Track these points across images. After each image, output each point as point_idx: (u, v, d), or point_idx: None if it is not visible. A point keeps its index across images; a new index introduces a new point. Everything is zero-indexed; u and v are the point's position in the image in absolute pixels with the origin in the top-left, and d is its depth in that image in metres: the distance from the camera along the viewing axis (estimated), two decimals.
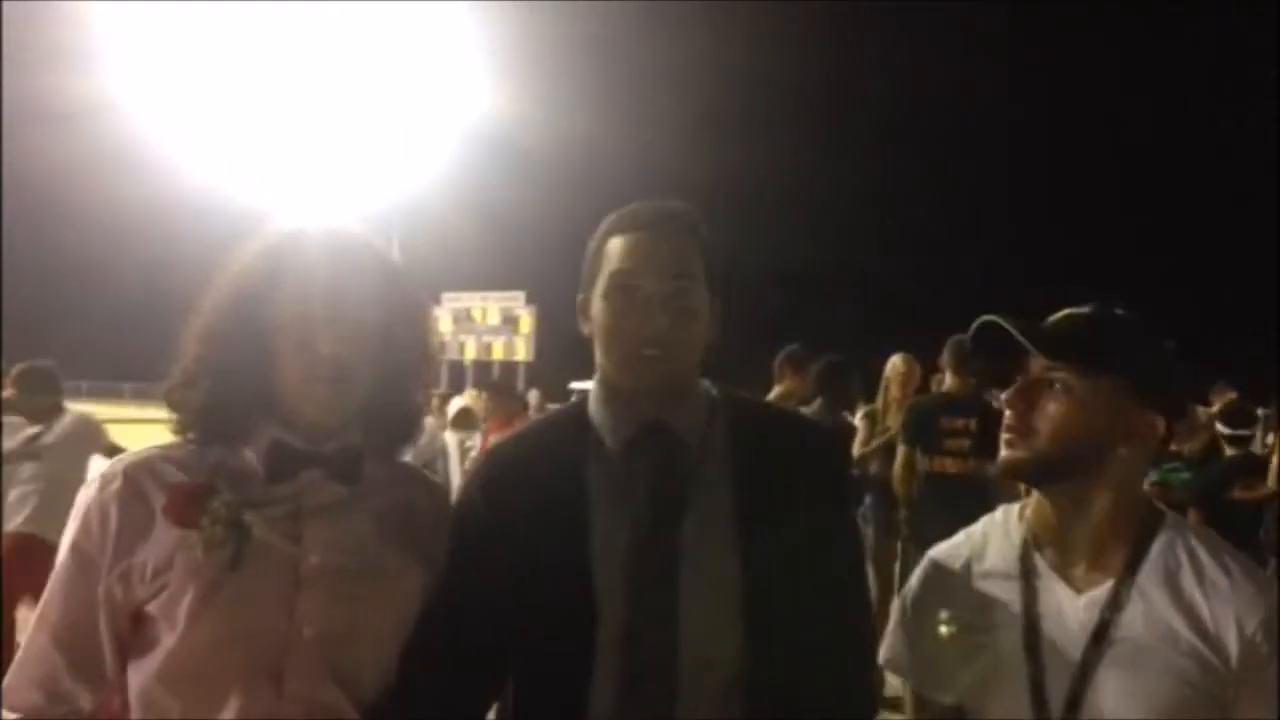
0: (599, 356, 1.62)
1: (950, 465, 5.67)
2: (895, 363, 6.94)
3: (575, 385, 15.45)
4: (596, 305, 1.61)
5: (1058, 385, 1.57)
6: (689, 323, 1.57)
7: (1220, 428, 6.43)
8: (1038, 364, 1.59)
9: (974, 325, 1.64)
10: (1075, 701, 1.53)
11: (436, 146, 24.48)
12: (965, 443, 5.63)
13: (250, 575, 1.47)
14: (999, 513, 1.77)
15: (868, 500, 6.98)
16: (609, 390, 1.64)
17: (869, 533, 6.95)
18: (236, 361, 1.54)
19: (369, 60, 21.79)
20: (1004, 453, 1.60)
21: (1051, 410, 1.57)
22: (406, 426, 1.71)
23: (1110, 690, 1.52)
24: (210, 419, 1.56)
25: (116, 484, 1.52)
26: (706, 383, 1.69)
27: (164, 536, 1.48)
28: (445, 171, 26.15)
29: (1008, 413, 1.59)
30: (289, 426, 1.56)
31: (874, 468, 6.55)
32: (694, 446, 1.61)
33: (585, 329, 1.65)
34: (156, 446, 1.59)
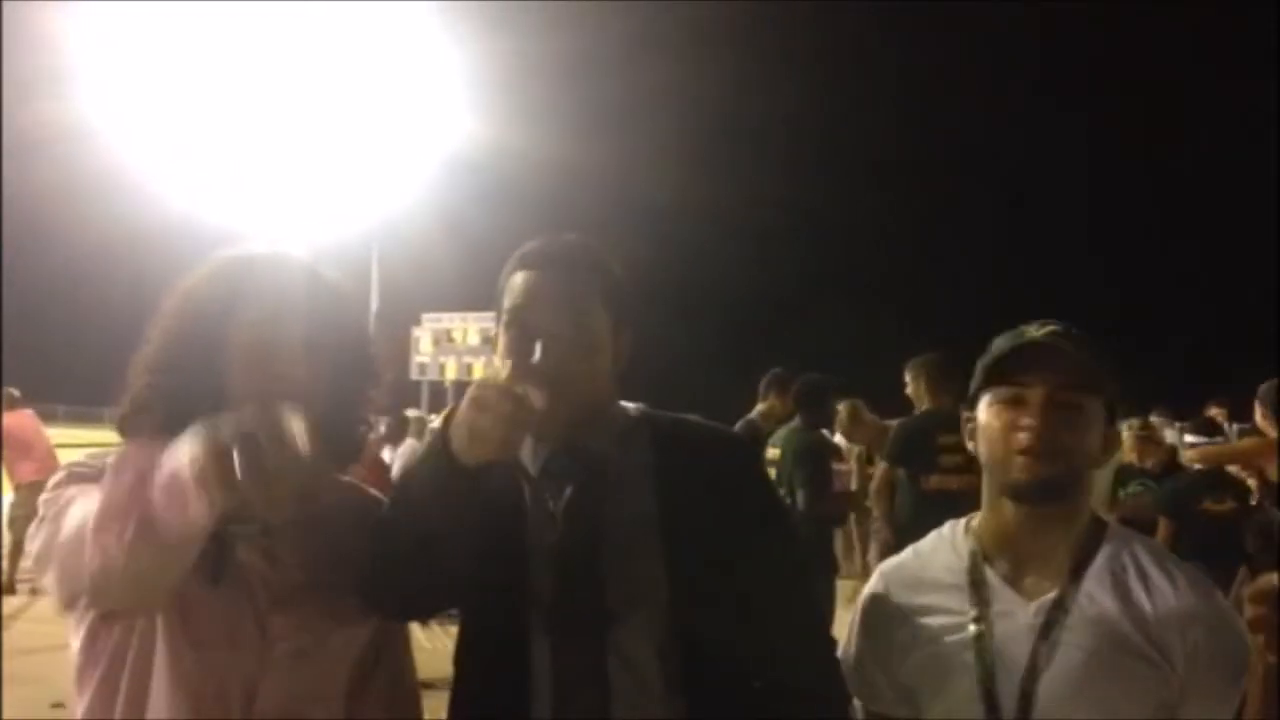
0: None
1: (949, 482, 5.64)
2: (841, 414, 7.02)
3: None
4: (499, 342, 1.67)
5: (1073, 405, 1.61)
6: (582, 356, 1.62)
7: (1188, 438, 6.50)
8: (1045, 383, 1.61)
9: (1011, 344, 1.65)
10: (1026, 702, 1.56)
11: (415, 168, 24.48)
12: (960, 459, 5.58)
13: (227, 592, 1.49)
14: (945, 527, 1.81)
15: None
16: None
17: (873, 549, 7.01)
18: (189, 386, 1.54)
19: (348, 83, 21.79)
20: (1026, 472, 1.60)
21: (1074, 430, 1.60)
22: (353, 448, 1.74)
23: (1059, 690, 1.56)
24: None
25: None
26: (626, 404, 1.76)
27: None
28: (424, 193, 26.15)
29: (1027, 431, 1.59)
30: None
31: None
32: (608, 465, 1.66)
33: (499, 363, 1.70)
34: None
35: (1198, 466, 6.22)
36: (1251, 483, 6.08)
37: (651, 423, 1.75)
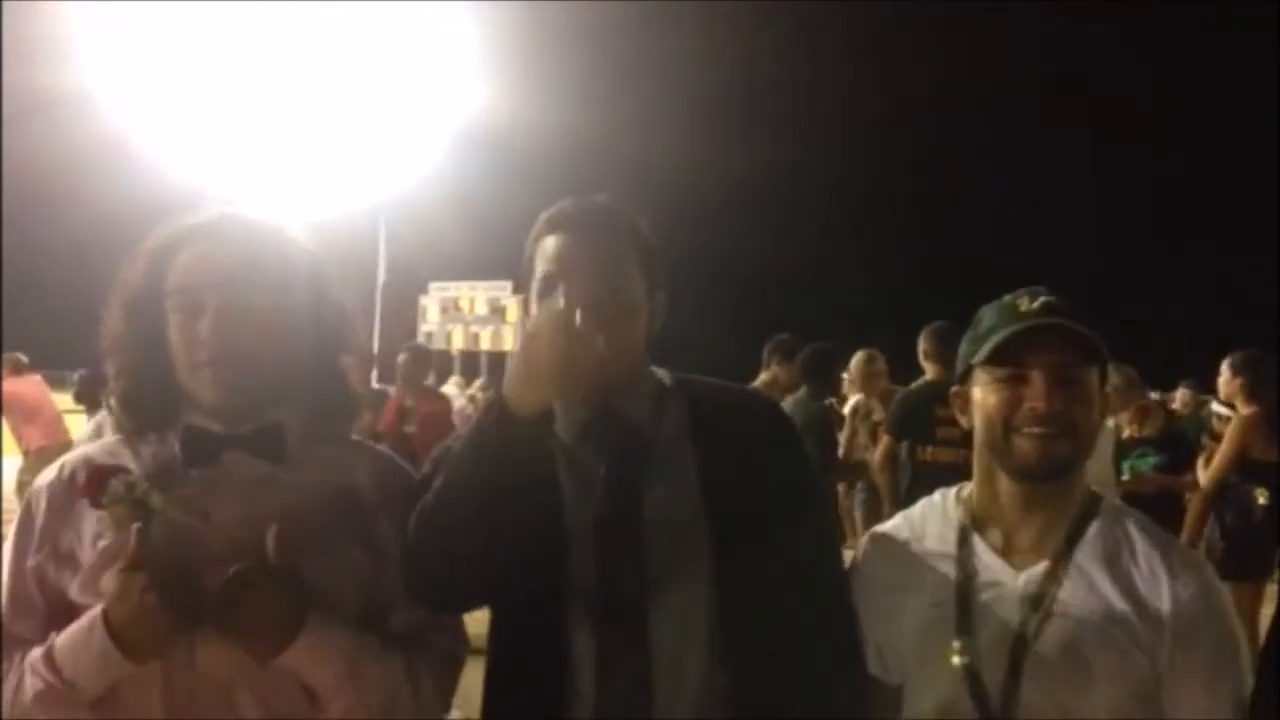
0: None
1: (944, 455, 5.54)
2: (856, 362, 6.97)
3: None
4: (533, 308, 1.63)
5: (1075, 380, 1.59)
6: (623, 321, 1.58)
7: (1217, 408, 6.49)
8: (1049, 361, 1.58)
9: (1012, 324, 1.61)
10: (1015, 671, 1.56)
11: (424, 136, 24.38)
12: (956, 432, 5.52)
13: (163, 549, 1.50)
14: (936, 495, 1.80)
15: (860, 484, 7.02)
16: None
17: (859, 514, 6.97)
18: (141, 362, 1.61)
19: (356, 50, 21.67)
20: (1034, 453, 1.58)
21: (1083, 404, 1.59)
22: (342, 402, 1.72)
23: (1049, 660, 1.55)
24: (128, 417, 1.64)
25: (51, 475, 1.63)
26: (658, 370, 1.72)
27: (87, 523, 1.56)
28: (432, 161, 26.05)
29: (1048, 408, 1.57)
30: (207, 413, 1.60)
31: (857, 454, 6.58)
32: (646, 429, 1.63)
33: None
34: (100, 441, 1.70)
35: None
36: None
37: (685, 389, 1.72)
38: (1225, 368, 5.86)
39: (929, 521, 1.76)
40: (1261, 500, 5.50)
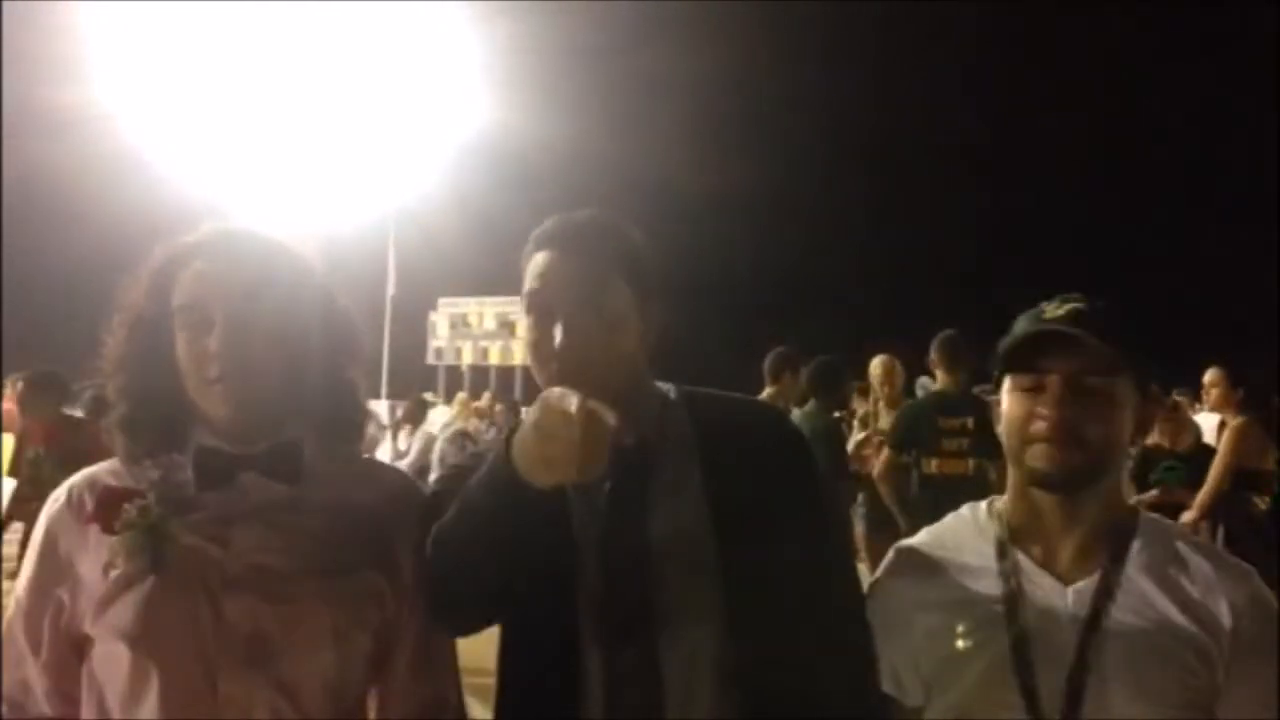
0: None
1: (950, 466, 5.54)
2: (875, 366, 6.95)
3: None
4: (522, 323, 1.63)
5: (1096, 391, 1.54)
6: (606, 335, 1.57)
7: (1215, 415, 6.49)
8: (1065, 370, 1.55)
9: (1028, 329, 1.58)
10: (1077, 694, 1.52)
11: (432, 153, 24.52)
12: (964, 442, 5.50)
13: (174, 580, 1.49)
14: (965, 510, 1.76)
15: (860, 498, 6.99)
16: None
17: (860, 530, 6.94)
18: (145, 383, 1.58)
19: (365, 68, 21.82)
20: (1045, 461, 1.55)
21: (1097, 418, 1.54)
22: (352, 416, 1.70)
23: (1111, 680, 1.51)
24: (133, 440, 1.59)
25: (60, 503, 1.59)
26: (663, 384, 1.71)
27: (99, 549, 1.52)
28: (441, 178, 26.19)
29: (1045, 420, 1.54)
30: (218, 432, 1.57)
31: (867, 467, 6.55)
32: (651, 444, 1.62)
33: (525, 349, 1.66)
34: (106, 463, 1.64)
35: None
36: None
37: (690, 401, 1.70)
38: (1210, 379, 5.87)
39: (961, 537, 1.72)
40: (1262, 506, 5.52)
